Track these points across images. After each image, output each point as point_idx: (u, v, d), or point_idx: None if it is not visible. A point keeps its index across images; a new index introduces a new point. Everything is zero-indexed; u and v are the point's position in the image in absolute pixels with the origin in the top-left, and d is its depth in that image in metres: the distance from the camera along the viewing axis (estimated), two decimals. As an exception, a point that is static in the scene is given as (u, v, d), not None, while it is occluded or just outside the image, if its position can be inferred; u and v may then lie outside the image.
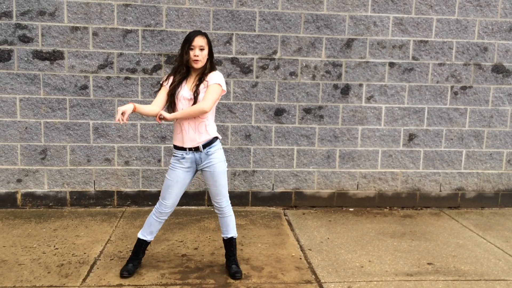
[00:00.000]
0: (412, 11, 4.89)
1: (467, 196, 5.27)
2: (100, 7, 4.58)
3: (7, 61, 4.56)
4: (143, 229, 3.38)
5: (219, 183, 3.27)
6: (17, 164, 4.71)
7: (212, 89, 3.13)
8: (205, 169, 3.25)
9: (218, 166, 3.25)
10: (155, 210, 3.32)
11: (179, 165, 3.24)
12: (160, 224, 3.37)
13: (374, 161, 5.10)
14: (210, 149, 3.22)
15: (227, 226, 3.39)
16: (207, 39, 3.19)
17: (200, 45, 3.13)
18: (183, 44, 3.17)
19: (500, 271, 3.57)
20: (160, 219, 3.33)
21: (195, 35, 3.14)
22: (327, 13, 4.82)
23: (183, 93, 3.16)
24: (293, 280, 3.33)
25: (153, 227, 3.36)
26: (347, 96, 4.96)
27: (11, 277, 3.24)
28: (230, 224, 3.40)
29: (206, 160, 3.23)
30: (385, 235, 4.31)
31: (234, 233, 3.43)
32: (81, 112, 4.71)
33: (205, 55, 3.16)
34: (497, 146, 5.21)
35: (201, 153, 3.21)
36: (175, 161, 3.26)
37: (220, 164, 3.26)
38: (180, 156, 3.24)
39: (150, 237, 3.38)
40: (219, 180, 3.26)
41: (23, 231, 4.14)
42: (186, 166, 3.24)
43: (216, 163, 3.24)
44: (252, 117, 4.90)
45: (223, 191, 3.31)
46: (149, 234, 3.37)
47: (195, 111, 3.10)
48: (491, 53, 5.05)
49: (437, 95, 5.06)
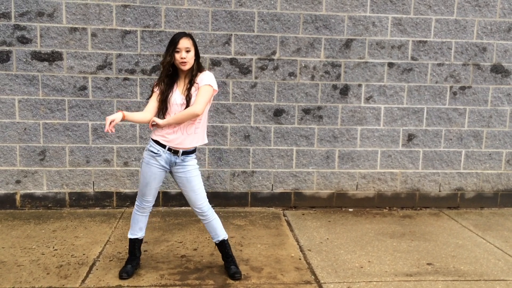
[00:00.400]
0: (411, 11, 4.90)
1: (467, 196, 5.27)
2: (98, 7, 4.58)
3: (6, 62, 4.55)
4: (131, 229, 3.38)
5: (197, 187, 3.25)
6: (16, 165, 4.71)
7: (203, 91, 3.12)
8: (180, 175, 3.23)
9: (194, 171, 3.25)
10: (137, 207, 3.33)
11: (154, 161, 3.19)
12: (146, 218, 3.37)
13: (374, 162, 5.10)
14: (187, 156, 3.23)
15: (215, 229, 3.35)
16: (192, 40, 3.17)
17: (186, 47, 3.09)
18: (168, 46, 3.13)
19: (499, 271, 3.57)
20: (145, 214, 3.34)
21: (179, 37, 3.11)
22: (326, 13, 4.82)
23: (175, 98, 3.14)
24: (292, 281, 3.32)
25: (141, 223, 3.37)
26: (346, 96, 4.96)
27: (10, 278, 3.23)
28: (217, 227, 3.35)
29: (179, 166, 3.22)
30: (384, 235, 4.30)
31: (224, 234, 3.39)
32: (80, 113, 4.70)
33: (192, 57, 3.13)
34: (496, 146, 5.21)
35: (177, 157, 3.20)
36: (150, 157, 3.19)
37: (196, 170, 3.27)
38: (156, 153, 3.17)
39: (141, 234, 3.39)
40: (196, 185, 3.25)
41: (22, 232, 4.13)
42: (161, 164, 3.20)
43: (192, 169, 3.24)
44: (251, 117, 4.90)
45: (202, 195, 3.28)
46: (138, 231, 3.37)
47: (187, 115, 3.09)
48: (490, 53, 5.05)
49: (436, 95, 5.06)
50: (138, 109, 4.73)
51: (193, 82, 3.15)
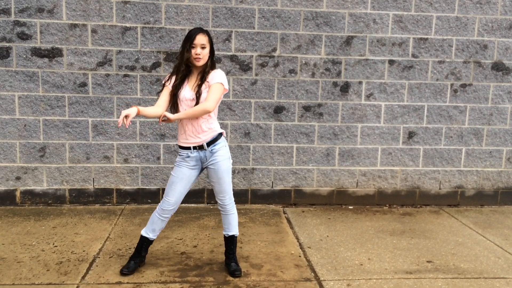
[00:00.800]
0: (411, 8, 4.88)
1: (467, 194, 5.26)
2: (99, 4, 4.56)
3: (6, 58, 4.54)
4: (147, 226, 3.37)
5: (223, 180, 3.26)
6: (16, 162, 4.70)
7: (215, 89, 3.12)
8: (210, 166, 3.25)
9: (222, 163, 3.24)
10: (158, 208, 3.31)
11: (184, 163, 3.23)
12: (162, 223, 3.33)
13: (374, 159, 5.09)
14: (214, 146, 3.22)
15: (229, 224, 3.38)
16: (209, 37, 3.17)
17: (201, 43, 3.10)
18: (184, 42, 3.14)
19: (499, 269, 3.57)
20: (162, 217, 3.30)
21: (196, 33, 3.11)
22: (326, 10, 4.80)
23: (185, 94, 3.15)
24: (292, 278, 3.32)
25: (155, 225, 3.34)
26: (347, 93, 4.95)
27: (10, 274, 3.23)
28: (232, 222, 3.38)
29: (210, 158, 3.23)
30: (384, 233, 4.30)
31: (236, 231, 3.42)
32: (80, 110, 4.70)
33: (207, 53, 3.14)
34: (497, 144, 5.21)
35: (205, 151, 3.21)
36: (181, 159, 3.25)
37: (224, 162, 3.25)
38: (185, 155, 3.23)
39: (153, 235, 3.36)
40: (223, 178, 3.25)
41: (22, 228, 4.13)
42: (191, 164, 3.23)
43: (220, 161, 3.23)
44: (252, 114, 4.89)
45: (227, 189, 3.29)
46: (151, 231, 3.35)
47: (199, 111, 3.09)
48: (491, 50, 5.04)
49: (436, 93, 5.05)
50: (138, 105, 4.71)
51: (204, 79, 3.15)
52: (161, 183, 4.88)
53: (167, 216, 3.31)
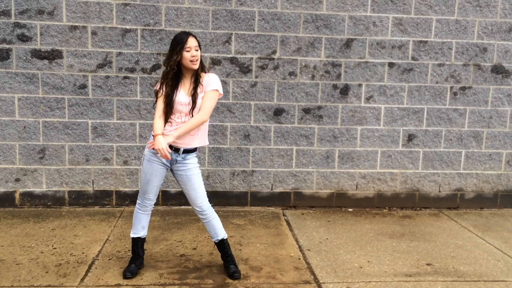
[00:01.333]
0: (411, 11, 4.89)
1: (466, 197, 5.26)
2: (99, 6, 4.57)
3: (6, 60, 4.54)
4: (134, 228, 3.39)
5: (197, 185, 3.25)
6: (16, 164, 4.70)
7: (210, 97, 3.14)
8: (181, 173, 3.24)
9: (195, 170, 3.26)
10: (139, 206, 3.34)
11: (155, 158, 3.20)
12: (148, 217, 3.38)
13: (373, 162, 5.09)
14: (189, 155, 3.23)
15: (215, 229, 3.35)
16: (197, 39, 3.19)
17: (195, 46, 3.10)
18: (174, 46, 3.08)
19: (499, 272, 3.57)
20: (146, 212, 3.35)
21: (187, 36, 3.10)
22: (326, 13, 4.81)
23: (180, 98, 3.14)
24: (291, 281, 3.32)
25: (143, 222, 3.37)
26: (347, 96, 4.95)
27: (9, 276, 3.23)
28: (216, 226, 3.35)
29: (180, 164, 3.22)
30: (384, 235, 4.30)
31: (224, 234, 3.39)
32: (79, 112, 4.70)
33: (200, 55, 3.15)
34: (496, 147, 5.21)
35: (178, 155, 3.20)
36: (151, 154, 3.20)
37: (197, 168, 3.28)
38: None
39: (144, 233, 3.39)
40: (197, 183, 3.25)
41: (21, 230, 4.12)
42: (162, 161, 3.22)
43: (193, 167, 3.25)
44: (251, 117, 4.89)
45: (202, 193, 3.29)
46: (141, 230, 3.38)
47: (196, 124, 3.11)
48: (490, 53, 5.04)
49: (436, 96, 5.05)
50: (138, 107, 4.73)
51: (199, 82, 3.15)
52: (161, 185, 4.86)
53: (151, 209, 3.37)
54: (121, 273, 3.31)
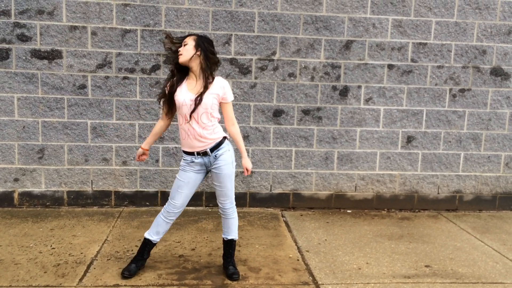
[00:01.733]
0: (411, 13, 4.90)
1: (465, 199, 5.27)
2: (99, 6, 4.57)
3: (5, 60, 4.54)
4: (151, 229, 3.38)
5: (224, 184, 3.26)
6: (15, 163, 4.70)
7: (231, 108, 3.30)
8: (213, 170, 3.26)
9: (225, 168, 3.24)
10: (164, 210, 3.32)
11: (189, 167, 3.26)
12: (167, 225, 3.35)
13: (372, 163, 5.10)
14: (218, 151, 3.23)
15: (229, 228, 3.38)
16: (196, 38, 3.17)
17: (184, 42, 3.17)
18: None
19: (497, 274, 3.57)
20: (168, 219, 3.32)
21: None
22: (326, 14, 4.82)
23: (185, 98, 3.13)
24: (290, 282, 3.32)
25: (160, 227, 3.34)
26: (346, 97, 4.96)
27: (7, 276, 3.22)
28: (231, 226, 3.38)
29: (215, 163, 3.24)
30: (382, 237, 4.30)
31: (235, 235, 3.42)
32: (79, 112, 4.69)
33: (189, 49, 3.13)
34: (495, 149, 5.22)
35: (209, 157, 3.22)
36: (185, 164, 3.27)
37: (227, 167, 3.25)
38: (189, 160, 3.25)
39: (156, 238, 3.37)
40: (224, 182, 3.26)
41: (20, 230, 4.12)
42: (196, 168, 3.26)
43: (222, 165, 3.23)
44: (251, 118, 4.89)
45: (228, 193, 3.30)
46: (155, 234, 3.36)
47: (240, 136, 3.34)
48: (489, 56, 5.05)
49: (435, 98, 5.06)
50: (137, 107, 4.73)
51: (207, 87, 3.15)
52: (160, 185, 4.87)
53: (173, 219, 3.33)
54: (120, 273, 3.31)
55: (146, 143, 3.44)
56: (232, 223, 3.37)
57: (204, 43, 3.18)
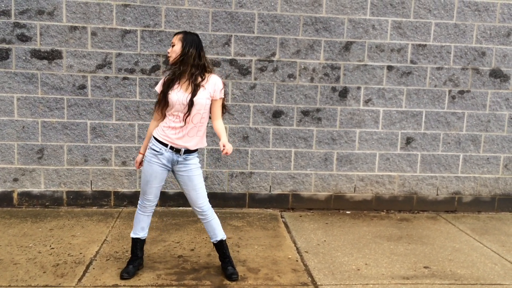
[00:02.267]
0: (410, 15, 4.91)
1: (464, 200, 5.27)
2: (99, 7, 4.58)
3: (5, 60, 4.54)
4: (134, 228, 3.39)
5: (198, 186, 3.26)
6: (14, 163, 4.70)
7: (219, 105, 3.24)
8: (182, 174, 3.24)
9: (196, 170, 3.26)
10: (140, 206, 3.34)
11: (156, 160, 3.21)
12: (148, 218, 3.37)
13: (372, 164, 5.10)
14: (190, 155, 3.24)
15: (214, 229, 3.35)
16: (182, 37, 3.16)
17: (172, 42, 3.18)
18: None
19: (496, 276, 3.57)
20: (147, 213, 3.34)
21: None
22: (326, 16, 4.83)
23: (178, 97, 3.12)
24: (289, 282, 3.32)
25: (143, 223, 3.36)
26: (345, 99, 4.97)
27: (6, 276, 3.22)
28: (216, 226, 3.35)
29: (181, 164, 3.23)
30: (381, 238, 4.31)
31: (222, 235, 3.39)
32: (78, 112, 4.70)
33: (176, 50, 3.13)
34: (494, 151, 5.22)
35: (179, 156, 3.21)
36: (152, 155, 3.22)
37: (198, 169, 3.28)
38: (158, 151, 3.19)
39: (143, 234, 3.38)
40: (198, 184, 3.25)
41: (19, 230, 4.12)
42: (162, 162, 3.21)
43: (194, 168, 3.25)
44: (250, 118, 4.90)
45: (203, 194, 3.29)
46: (140, 230, 3.37)
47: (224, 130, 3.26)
48: (489, 57, 5.06)
49: (434, 99, 5.07)
50: (137, 108, 4.73)
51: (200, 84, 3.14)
52: (159, 186, 4.86)
53: (151, 210, 3.36)
54: (119, 273, 3.31)
55: (143, 148, 3.40)
56: (215, 223, 3.34)
57: (192, 42, 3.16)
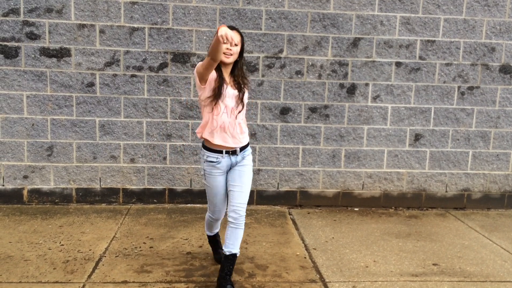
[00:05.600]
0: (419, 10, 4.87)
1: (473, 197, 5.24)
2: (107, 4, 4.59)
3: (14, 58, 4.58)
4: (205, 227, 3.48)
5: (246, 185, 3.03)
6: (24, 161, 4.74)
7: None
8: (237, 168, 3.04)
9: (249, 168, 3.09)
10: (211, 218, 3.31)
11: (216, 171, 3.02)
12: (217, 223, 3.38)
13: (380, 161, 5.08)
14: (245, 152, 3.09)
15: (236, 239, 3.03)
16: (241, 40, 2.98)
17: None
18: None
19: (506, 273, 3.55)
20: (216, 221, 3.35)
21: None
22: (333, 12, 4.80)
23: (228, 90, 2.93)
24: (297, 279, 3.32)
25: (214, 228, 3.43)
26: (353, 95, 4.95)
27: (17, 272, 3.26)
28: (239, 238, 3.05)
29: (239, 164, 3.06)
30: (390, 235, 4.29)
31: (238, 250, 3.08)
32: (87, 109, 4.72)
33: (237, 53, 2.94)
34: (504, 147, 5.18)
35: (237, 157, 3.02)
36: (210, 167, 3.01)
37: (251, 168, 3.12)
38: (215, 161, 2.99)
39: (216, 230, 3.48)
40: (246, 182, 3.04)
41: (29, 227, 4.16)
42: (222, 170, 3.04)
43: (248, 165, 3.08)
44: (258, 115, 4.89)
45: (246, 197, 3.04)
46: (215, 229, 3.46)
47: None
48: (498, 53, 5.01)
49: (443, 95, 5.03)
50: (145, 105, 4.75)
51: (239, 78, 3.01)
52: (167, 183, 4.89)
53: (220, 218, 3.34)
54: (128, 269, 3.34)
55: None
56: (240, 234, 3.04)
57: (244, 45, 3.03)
